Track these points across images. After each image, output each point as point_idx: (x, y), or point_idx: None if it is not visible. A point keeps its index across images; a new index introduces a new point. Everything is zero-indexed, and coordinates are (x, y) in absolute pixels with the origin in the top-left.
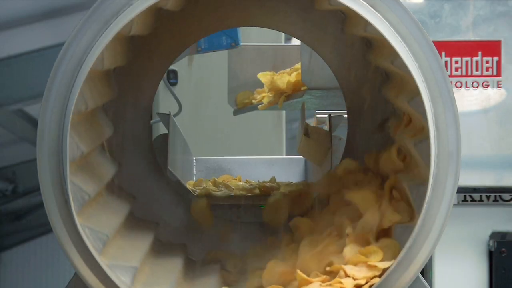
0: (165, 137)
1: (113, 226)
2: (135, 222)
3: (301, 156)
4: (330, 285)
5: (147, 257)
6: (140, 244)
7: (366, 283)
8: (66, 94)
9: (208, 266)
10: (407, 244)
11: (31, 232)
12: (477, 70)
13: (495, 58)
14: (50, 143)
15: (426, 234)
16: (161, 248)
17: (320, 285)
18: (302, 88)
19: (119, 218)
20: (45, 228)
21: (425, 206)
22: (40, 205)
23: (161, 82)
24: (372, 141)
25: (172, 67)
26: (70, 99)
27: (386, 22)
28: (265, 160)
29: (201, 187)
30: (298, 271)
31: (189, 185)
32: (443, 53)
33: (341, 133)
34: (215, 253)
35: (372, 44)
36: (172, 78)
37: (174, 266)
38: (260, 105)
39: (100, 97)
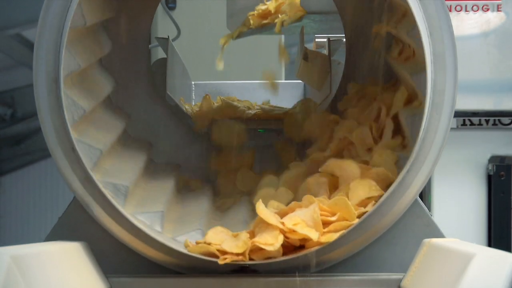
0: (163, 61)
1: (107, 142)
2: (130, 141)
3: (300, 81)
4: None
5: (139, 177)
6: (134, 164)
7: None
8: (64, 10)
9: (200, 188)
10: (405, 168)
11: (30, 157)
12: None
13: None
14: (47, 57)
15: (424, 157)
16: (154, 169)
17: (322, 200)
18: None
19: (114, 135)
20: (45, 153)
21: (423, 127)
22: (39, 129)
23: (160, 7)
24: (371, 66)
25: None
26: (68, 13)
27: None
28: (264, 85)
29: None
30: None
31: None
32: None
33: (340, 57)
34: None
35: None
36: (171, 3)
37: (166, 187)
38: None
39: (99, 13)
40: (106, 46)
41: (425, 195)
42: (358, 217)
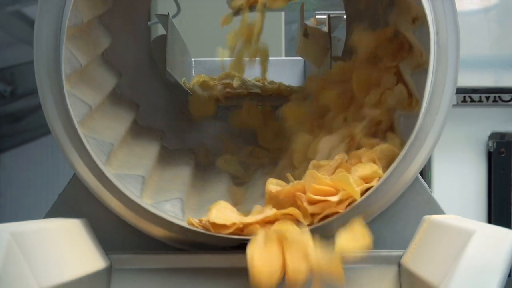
0: (163, 38)
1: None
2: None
3: (300, 58)
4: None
5: (124, 138)
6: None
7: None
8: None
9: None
10: (408, 142)
11: (30, 134)
12: None
13: None
14: (47, 55)
15: (425, 134)
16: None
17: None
18: None
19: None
20: (44, 130)
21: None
22: (39, 106)
23: None
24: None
25: None
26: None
27: None
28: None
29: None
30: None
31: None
32: None
33: (340, 34)
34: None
35: None
36: None
37: (149, 152)
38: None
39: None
40: (105, 40)
41: (425, 172)
42: (362, 193)
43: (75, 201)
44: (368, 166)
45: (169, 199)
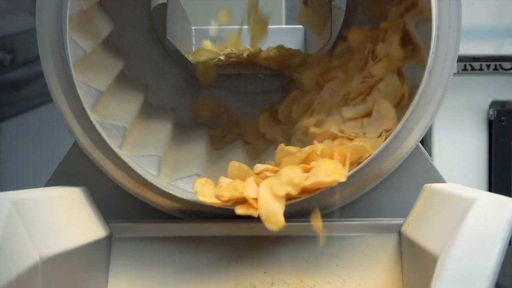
0: (163, 6)
1: (106, 84)
2: (127, 82)
3: (301, 26)
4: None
5: (136, 119)
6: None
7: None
8: None
9: (196, 130)
10: (410, 107)
11: (30, 102)
12: None
13: None
14: (51, 45)
15: (426, 102)
16: (151, 112)
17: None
18: None
19: (112, 76)
20: (45, 98)
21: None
22: (40, 75)
23: None
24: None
25: None
26: None
27: None
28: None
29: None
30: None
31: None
32: None
33: (341, 2)
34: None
35: None
36: None
37: (163, 130)
38: None
39: None
40: None
41: (425, 140)
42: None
43: (75, 170)
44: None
45: (147, 155)
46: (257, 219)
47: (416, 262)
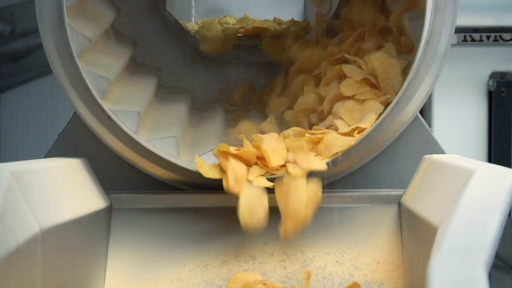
0: None
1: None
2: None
3: None
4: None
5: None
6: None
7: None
8: None
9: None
10: (407, 80)
11: (30, 74)
12: None
13: None
14: None
15: (424, 72)
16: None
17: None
18: None
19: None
20: (44, 70)
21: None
22: (39, 46)
23: None
24: None
25: None
26: None
27: None
28: (264, 1)
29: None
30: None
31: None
32: None
33: None
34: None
35: None
36: None
37: (147, 89)
38: None
39: None
40: None
41: (425, 111)
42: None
43: (75, 141)
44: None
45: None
46: None
47: (415, 233)
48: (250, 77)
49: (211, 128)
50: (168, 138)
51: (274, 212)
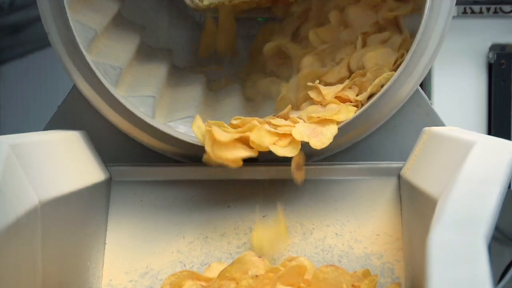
0: None
1: (102, 24)
2: (123, 23)
3: None
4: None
5: (132, 60)
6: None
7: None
8: None
9: (193, 74)
10: (408, 55)
11: (30, 46)
12: None
13: None
14: None
15: (425, 44)
16: (147, 54)
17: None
18: None
19: (107, 17)
20: (44, 42)
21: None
22: (39, 18)
23: None
24: None
25: None
26: None
27: None
28: None
29: None
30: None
31: None
32: None
33: None
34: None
35: None
36: None
37: (158, 72)
38: None
39: None
40: None
41: (425, 84)
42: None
43: (74, 113)
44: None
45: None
46: (257, 163)
47: (415, 205)
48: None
49: (191, 91)
50: (145, 97)
51: (273, 184)
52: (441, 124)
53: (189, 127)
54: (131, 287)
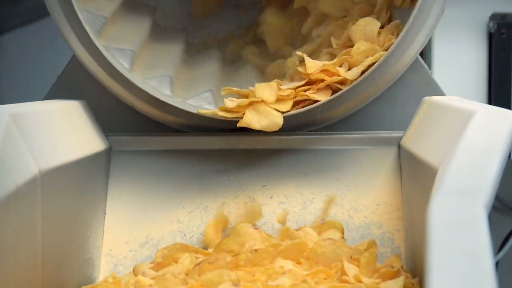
0: None
1: (110, 8)
2: (134, 6)
3: None
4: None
5: (145, 41)
6: (139, 28)
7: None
8: None
9: (208, 51)
10: (407, 25)
11: (30, 16)
12: None
13: None
14: None
15: (425, 13)
16: (160, 34)
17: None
18: None
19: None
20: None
21: None
22: None
23: None
24: None
25: None
26: None
27: None
28: None
29: None
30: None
31: None
32: None
33: None
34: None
35: None
36: None
37: (174, 50)
38: None
39: None
40: None
41: (425, 53)
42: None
43: (74, 83)
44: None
45: (159, 76)
46: (257, 132)
47: (415, 175)
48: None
49: (207, 67)
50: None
51: (272, 153)
52: (441, 93)
53: (163, 86)
54: (131, 256)
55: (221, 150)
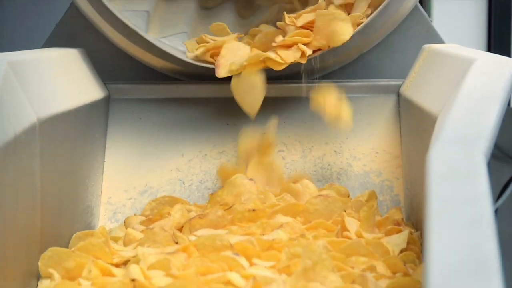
0: None
1: None
2: None
3: None
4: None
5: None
6: None
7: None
8: None
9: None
10: None
11: None
12: None
13: None
14: None
15: None
16: None
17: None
18: None
19: None
20: None
21: None
22: None
23: None
24: None
25: None
26: None
27: None
28: None
29: None
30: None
31: None
32: None
33: None
34: None
35: None
36: None
37: (188, 7)
38: None
39: None
40: None
41: (425, 1)
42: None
43: (72, 31)
44: None
45: (136, 10)
46: None
47: (414, 123)
48: None
49: (185, 4)
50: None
51: (272, 102)
52: (440, 41)
53: (139, 20)
54: (130, 204)
55: (220, 98)
